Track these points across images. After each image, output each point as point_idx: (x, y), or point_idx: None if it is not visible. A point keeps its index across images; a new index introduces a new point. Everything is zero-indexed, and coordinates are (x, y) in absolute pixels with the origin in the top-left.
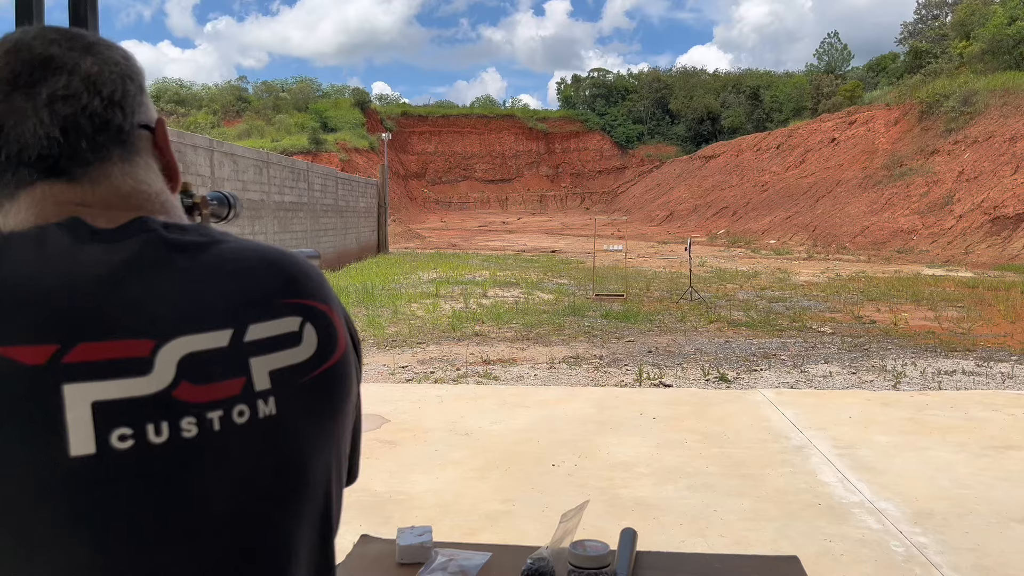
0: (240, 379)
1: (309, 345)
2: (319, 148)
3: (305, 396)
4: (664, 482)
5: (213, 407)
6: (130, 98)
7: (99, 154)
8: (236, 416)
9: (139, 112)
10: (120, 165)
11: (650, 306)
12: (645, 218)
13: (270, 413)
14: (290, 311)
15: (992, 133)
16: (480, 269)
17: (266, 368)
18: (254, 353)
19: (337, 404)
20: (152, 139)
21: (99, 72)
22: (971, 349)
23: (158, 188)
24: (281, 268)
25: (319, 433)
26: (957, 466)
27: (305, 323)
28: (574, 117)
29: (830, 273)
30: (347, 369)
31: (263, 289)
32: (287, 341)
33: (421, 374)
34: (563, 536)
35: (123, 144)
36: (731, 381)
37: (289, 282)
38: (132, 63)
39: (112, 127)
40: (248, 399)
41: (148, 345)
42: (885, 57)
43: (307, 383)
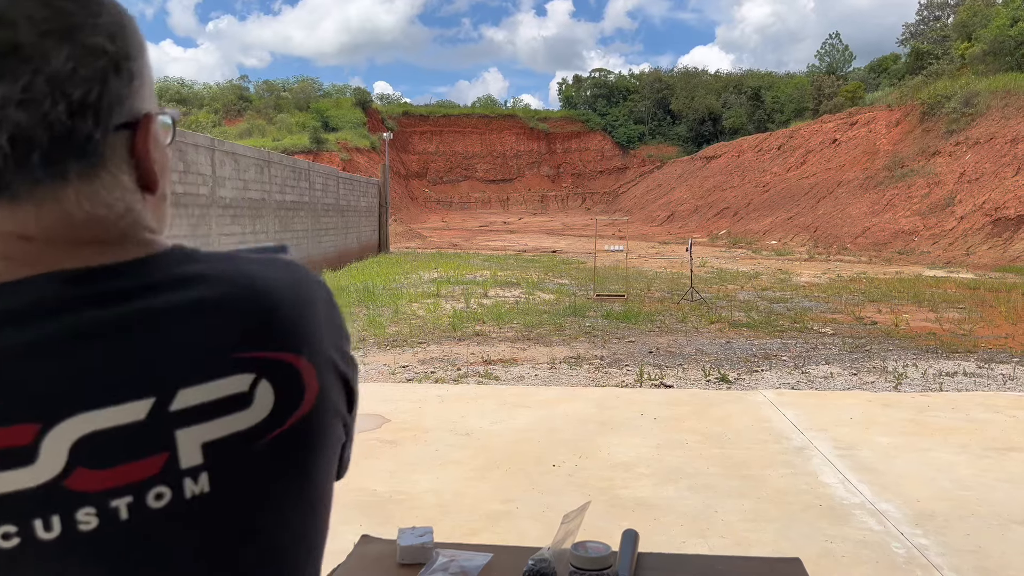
0: (160, 456)
1: (262, 407)
2: (320, 147)
3: (256, 464)
4: (665, 483)
5: (118, 494)
6: (110, 95)
7: (52, 170)
8: (152, 500)
9: (120, 110)
10: (76, 185)
11: (651, 306)
12: (646, 218)
13: (201, 492)
14: (240, 368)
15: (994, 134)
16: (481, 269)
17: (198, 440)
18: (182, 424)
19: (305, 460)
20: (131, 140)
21: (72, 70)
22: (972, 350)
23: (122, 209)
24: (240, 314)
25: (280, 499)
26: (958, 468)
27: (259, 381)
28: (575, 117)
29: (831, 274)
30: (320, 418)
31: (206, 343)
32: (231, 405)
33: (422, 374)
34: (565, 537)
35: (86, 157)
36: (732, 382)
37: (245, 332)
38: (123, 44)
39: (75, 138)
40: (170, 479)
41: (30, 430)
42: (887, 58)
43: (259, 449)
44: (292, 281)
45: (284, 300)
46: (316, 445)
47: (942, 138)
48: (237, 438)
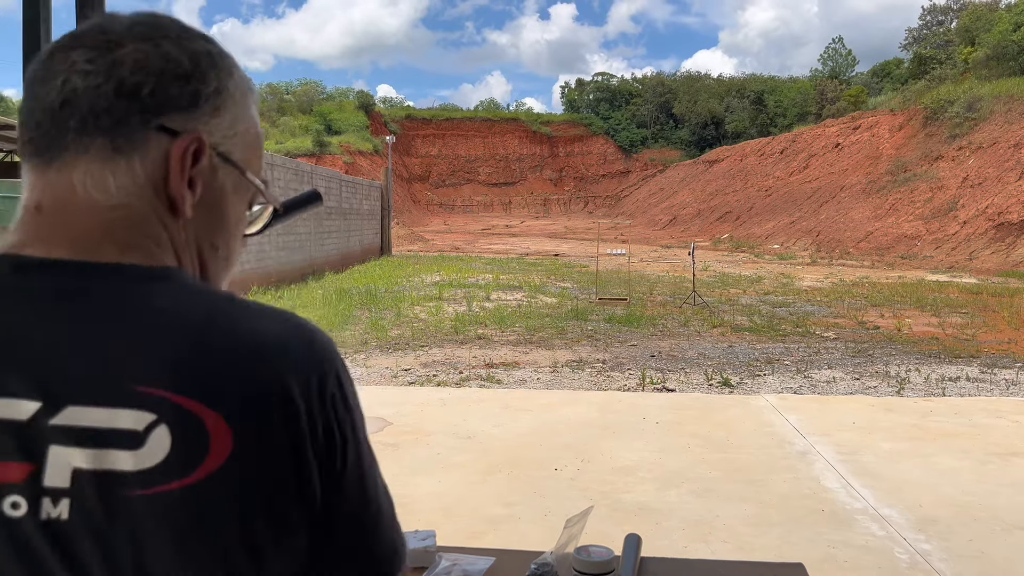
0: (26, 465)
1: (154, 453)
2: (323, 150)
3: (126, 514)
4: (667, 487)
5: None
6: (163, 97)
7: (80, 141)
8: (8, 508)
9: (171, 116)
10: (91, 162)
11: (653, 310)
12: (648, 222)
13: (57, 517)
14: (141, 403)
15: (996, 139)
16: (483, 272)
17: (69, 463)
18: (58, 441)
19: (190, 534)
20: (166, 150)
21: (136, 60)
22: (975, 356)
23: (118, 200)
24: (166, 345)
25: (142, 565)
26: (961, 473)
27: (157, 425)
28: (578, 121)
29: (834, 278)
30: (221, 493)
31: (114, 366)
32: (119, 440)
33: (424, 377)
34: (567, 541)
35: (114, 137)
36: (734, 386)
37: (162, 365)
38: (201, 69)
39: (110, 116)
40: (29, 493)
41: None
42: (890, 63)
43: (134, 499)
44: (258, 331)
45: (223, 345)
46: (207, 519)
47: (945, 143)
48: (113, 477)
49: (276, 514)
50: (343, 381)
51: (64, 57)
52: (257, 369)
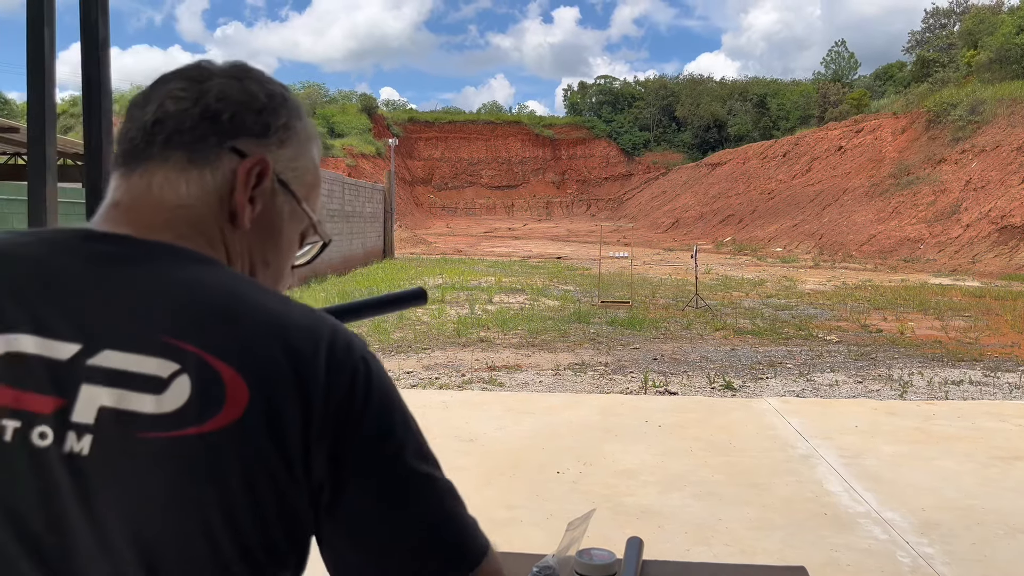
0: (58, 400)
1: (173, 399)
2: (326, 153)
3: (141, 454)
4: (669, 490)
5: (12, 415)
6: (239, 123)
7: (164, 152)
8: (36, 437)
9: (242, 140)
10: (169, 169)
11: (656, 313)
12: (651, 225)
13: (80, 452)
14: (167, 353)
15: (1000, 142)
16: (486, 275)
17: (97, 402)
18: (91, 380)
19: (192, 486)
20: (234, 167)
21: (221, 91)
22: (978, 359)
23: (188, 201)
24: (195, 305)
25: (148, 506)
26: (964, 476)
27: (180, 374)
28: (580, 124)
29: (836, 281)
30: (232, 450)
31: (148, 318)
32: (144, 384)
33: (426, 380)
34: (569, 544)
35: (192, 151)
36: (737, 389)
37: (189, 321)
38: (273, 106)
39: (194, 133)
40: (57, 425)
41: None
42: (892, 66)
43: (150, 441)
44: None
45: (249, 314)
46: (213, 472)
47: (948, 146)
48: (133, 417)
49: (279, 482)
50: (372, 383)
51: (162, 86)
52: (279, 341)
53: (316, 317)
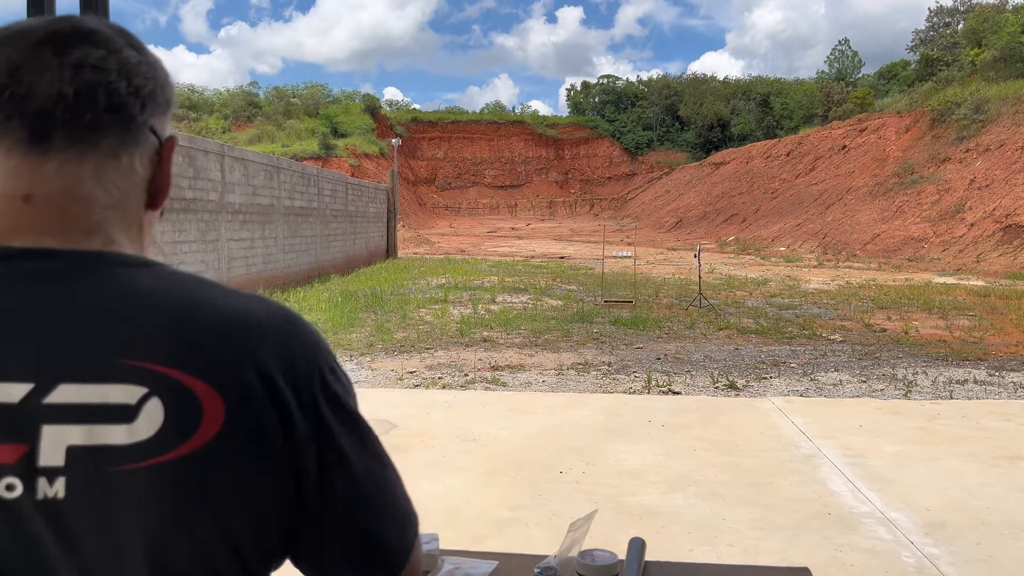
0: (19, 447)
1: (147, 426)
2: (329, 153)
3: (122, 489)
4: (672, 490)
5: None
6: (154, 100)
7: (94, 134)
8: (2, 489)
9: (157, 119)
10: (98, 158)
11: (659, 313)
12: (654, 224)
13: (54, 496)
14: (131, 378)
15: (1004, 141)
16: (489, 275)
17: (64, 441)
18: (51, 419)
19: (181, 510)
20: (157, 149)
21: (137, 63)
22: (983, 358)
23: (117, 198)
24: (153, 321)
25: (136, 542)
26: (968, 476)
27: (149, 397)
28: (584, 123)
29: (840, 281)
30: (212, 468)
31: (104, 343)
32: (112, 414)
33: (429, 380)
34: (571, 545)
35: (123, 133)
36: (740, 389)
37: (151, 340)
38: (169, 80)
39: (124, 113)
40: (23, 473)
41: None
42: (896, 64)
43: (130, 473)
44: (241, 310)
45: (214, 322)
46: (197, 494)
47: (952, 145)
48: (108, 452)
49: (267, 485)
50: (332, 366)
51: (66, 49)
52: (244, 343)
53: (275, 311)
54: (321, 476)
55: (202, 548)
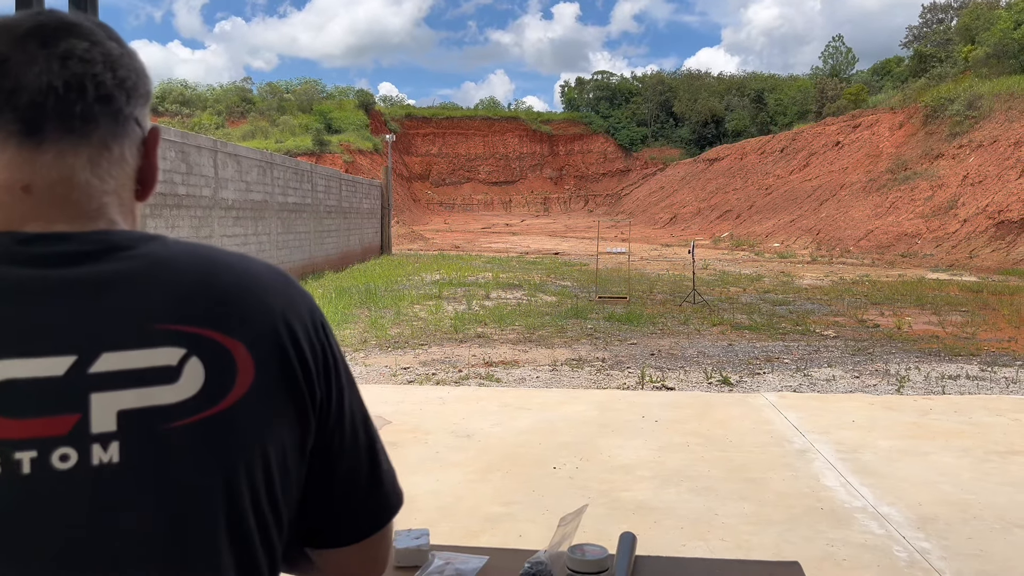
0: (71, 417)
1: (190, 384)
2: (323, 149)
3: (171, 446)
4: (666, 485)
5: (23, 446)
6: (138, 92)
7: (84, 126)
8: (56, 460)
9: (140, 111)
10: (92, 149)
11: (653, 309)
12: (649, 221)
13: (109, 461)
14: (170, 340)
15: (997, 137)
16: (483, 271)
17: (113, 407)
18: (99, 387)
19: (225, 459)
20: (142, 138)
21: (120, 56)
22: (975, 354)
23: (111, 187)
24: (181, 286)
25: (191, 491)
26: (961, 471)
27: (189, 357)
28: (578, 119)
29: (834, 276)
30: (249, 418)
31: (138, 311)
32: (156, 377)
33: (423, 375)
34: (561, 540)
35: (113, 124)
36: (734, 384)
37: (183, 304)
38: (147, 73)
39: (113, 104)
40: (77, 442)
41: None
42: (890, 61)
43: (175, 430)
44: (256, 273)
45: (233, 284)
46: (238, 443)
47: (945, 141)
48: (156, 412)
49: (293, 429)
50: (322, 313)
51: (52, 41)
52: (262, 300)
53: (272, 268)
54: (337, 416)
55: (243, 497)
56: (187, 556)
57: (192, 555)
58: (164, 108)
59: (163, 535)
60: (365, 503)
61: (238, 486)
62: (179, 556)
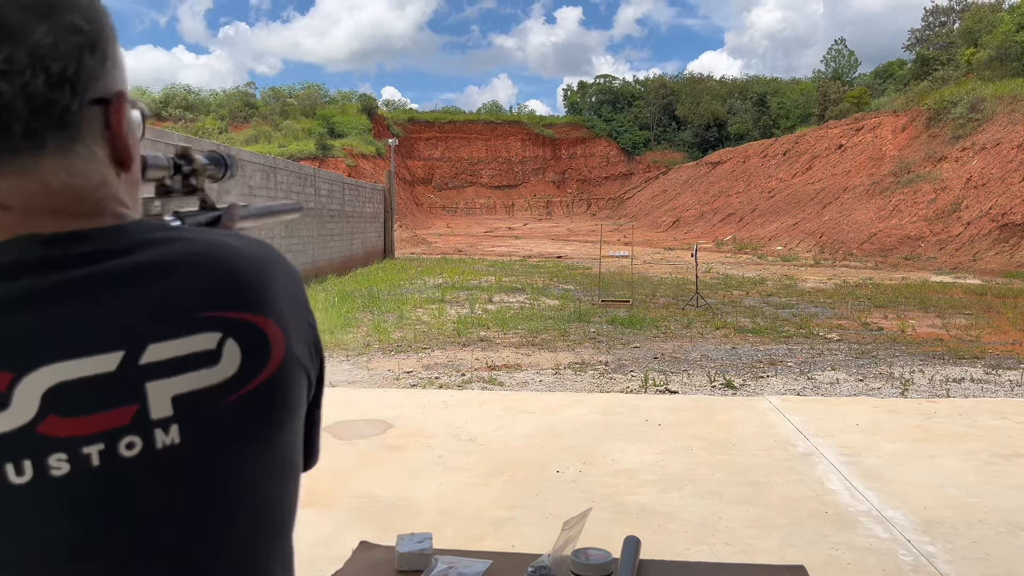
0: (130, 407)
1: (230, 364)
2: (326, 154)
3: (224, 421)
4: (669, 489)
5: (90, 441)
6: (86, 72)
7: (31, 140)
8: (123, 449)
9: (95, 86)
10: (54, 157)
11: (656, 312)
12: (651, 224)
13: (172, 443)
14: (207, 327)
15: (1000, 140)
16: (486, 275)
17: (168, 393)
18: (152, 376)
19: (270, 425)
20: (104, 115)
21: (52, 44)
22: (979, 357)
23: (97, 181)
24: (206, 274)
25: (245, 458)
26: (966, 474)
27: (226, 340)
28: (580, 123)
29: (837, 279)
30: (285, 383)
31: (174, 302)
32: (199, 361)
33: (426, 379)
34: (565, 544)
35: (64, 128)
36: (737, 388)
37: (213, 291)
38: (98, 24)
39: (54, 110)
40: (140, 429)
41: (5, 378)
42: (892, 64)
43: (227, 407)
44: (258, 253)
45: (247, 266)
46: (282, 408)
47: (948, 144)
48: (206, 393)
49: (305, 400)
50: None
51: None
52: (270, 278)
53: (265, 245)
54: (319, 378)
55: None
56: (244, 517)
57: (250, 516)
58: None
59: (227, 499)
60: (311, 456)
61: (281, 450)
62: (242, 515)
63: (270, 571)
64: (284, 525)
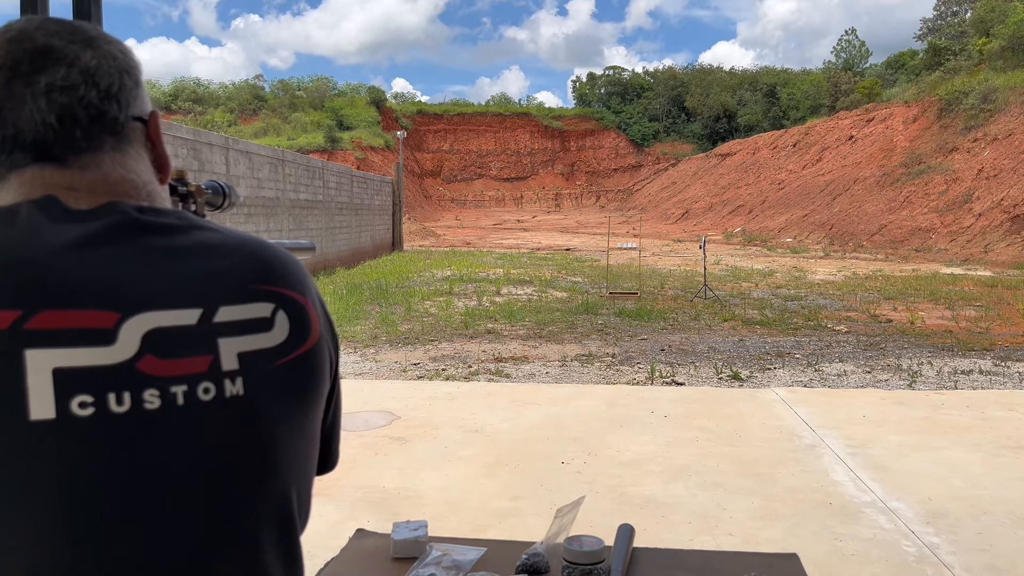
0: (207, 357)
1: (281, 332)
2: (335, 146)
3: (275, 380)
4: (674, 480)
5: (177, 382)
6: (126, 91)
7: (92, 143)
8: (201, 393)
9: (134, 105)
10: (111, 154)
11: (664, 304)
12: (660, 216)
13: (237, 393)
14: (263, 297)
15: (1012, 131)
16: (494, 267)
17: (235, 349)
18: (223, 334)
19: (308, 392)
20: (145, 131)
21: (98, 66)
22: (989, 348)
23: (146, 179)
24: (258, 256)
25: (288, 419)
26: (972, 466)
27: (278, 310)
28: (589, 115)
29: (847, 272)
30: (319, 359)
31: (237, 274)
32: (258, 326)
33: (433, 371)
34: (558, 531)
35: (116, 135)
36: (744, 380)
37: (265, 270)
38: (129, 57)
39: (107, 118)
40: (214, 377)
41: (112, 317)
42: (904, 54)
43: (277, 368)
44: (278, 248)
45: (288, 258)
46: (318, 379)
47: (960, 134)
48: (263, 354)
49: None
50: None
51: (32, 77)
52: (310, 278)
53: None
54: (336, 369)
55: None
56: (284, 469)
57: (292, 467)
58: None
59: (275, 448)
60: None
61: (312, 426)
62: (284, 467)
63: (295, 527)
64: (309, 496)
